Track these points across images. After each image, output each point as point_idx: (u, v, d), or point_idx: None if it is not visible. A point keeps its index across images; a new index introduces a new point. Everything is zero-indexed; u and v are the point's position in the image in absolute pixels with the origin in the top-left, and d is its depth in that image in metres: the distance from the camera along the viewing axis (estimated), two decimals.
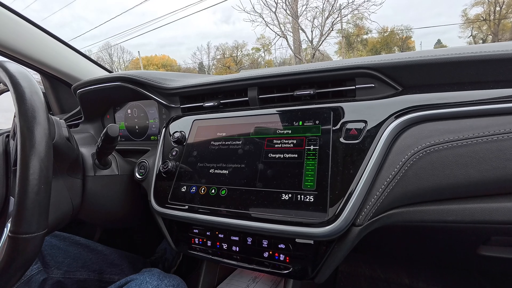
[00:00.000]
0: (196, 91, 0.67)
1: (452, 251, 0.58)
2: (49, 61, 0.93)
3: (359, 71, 0.51)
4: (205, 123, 0.63)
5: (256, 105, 0.61)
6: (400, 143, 0.44)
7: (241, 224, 0.47)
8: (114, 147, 0.61)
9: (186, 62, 27.30)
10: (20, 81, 0.43)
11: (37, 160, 0.39)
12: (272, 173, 0.49)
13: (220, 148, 0.56)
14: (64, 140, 0.55)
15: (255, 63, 22.63)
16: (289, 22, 14.03)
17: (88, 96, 0.82)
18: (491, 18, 16.42)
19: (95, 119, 0.90)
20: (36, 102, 0.42)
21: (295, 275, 0.47)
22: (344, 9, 13.89)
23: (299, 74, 0.55)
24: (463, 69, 0.46)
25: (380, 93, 0.51)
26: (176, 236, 0.60)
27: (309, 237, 0.43)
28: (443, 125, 0.44)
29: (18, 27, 0.85)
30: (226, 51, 24.61)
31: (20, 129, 0.41)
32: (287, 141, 0.50)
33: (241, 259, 0.52)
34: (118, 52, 24.20)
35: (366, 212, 0.42)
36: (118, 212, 0.69)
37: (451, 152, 0.42)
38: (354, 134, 0.46)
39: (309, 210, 0.43)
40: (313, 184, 0.44)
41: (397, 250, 0.71)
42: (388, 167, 0.43)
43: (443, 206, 0.43)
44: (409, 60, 0.48)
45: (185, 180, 0.56)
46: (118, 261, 0.70)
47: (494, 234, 0.45)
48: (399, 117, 0.45)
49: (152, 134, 0.84)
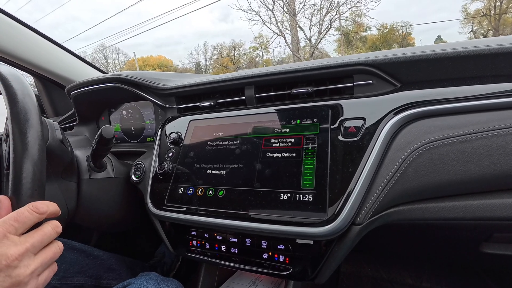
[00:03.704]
0: (192, 91, 0.66)
1: (454, 249, 0.58)
2: (42, 63, 0.91)
3: (357, 68, 0.50)
4: (201, 123, 0.62)
5: (253, 104, 0.60)
6: (400, 140, 0.44)
7: (239, 225, 0.47)
8: (109, 149, 0.60)
9: (182, 62, 27.24)
10: (12, 83, 0.42)
11: (30, 163, 0.38)
12: (270, 172, 0.48)
13: (217, 148, 0.56)
14: (58, 143, 0.54)
15: (253, 63, 22.63)
16: (287, 20, 14.05)
17: (83, 98, 0.81)
18: (492, 13, 16.44)
19: (90, 121, 0.89)
20: (28, 105, 0.42)
21: (295, 276, 0.46)
22: (342, 6, 13.93)
23: (296, 72, 0.54)
24: (461, 64, 0.45)
25: (378, 90, 0.51)
26: (174, 239, 0.59)
27: (308, 237, 0.43)
28: (443, 121, 0.43)
29: (10, 28, 0.83)
30: (224, 51, 24.60)
31: (12, 132, 0.40)
32: (285, 140, 0.50)
33: (240, 261, 0.51)
34: (113, 53, 24.08)
35: (366, 210, 0.42)
36: (114, 215, 0.68)
37: (451, 148, 0.41)
38: (352, 131, 0.45)
39: (308, 210, 0.42)
40: (312, 183, 0.44)
41: (399, 249, 0.70)
42: (387, 165, 0.43)
43: (443, 203, 0.43)
44: (407, 56, 0.47)
45: (182, 182, 0.55)
46: (116, 266, 0.69)
47: (496, 231, 0.45)
48: (398, 113, 0.45)
49: (148, 135, 0.83)
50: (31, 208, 0.33)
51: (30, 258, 0.31)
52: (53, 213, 0.36)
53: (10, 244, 0.30)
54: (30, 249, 0.31)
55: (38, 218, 0.34)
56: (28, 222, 0.33)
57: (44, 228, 0.34)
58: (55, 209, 0.37)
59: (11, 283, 0.29)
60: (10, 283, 0.29)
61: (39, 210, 0.34)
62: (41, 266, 0.32)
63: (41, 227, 0.34)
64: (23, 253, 0.30)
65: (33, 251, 0.32)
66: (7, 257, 0.29)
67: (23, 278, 0.30)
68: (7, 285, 0.29)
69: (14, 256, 0.29)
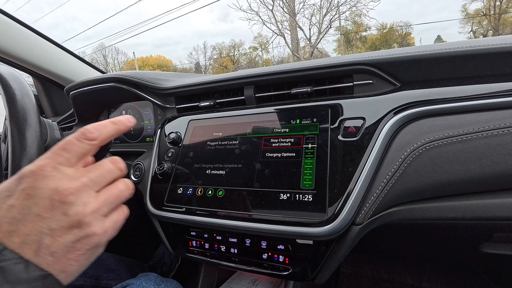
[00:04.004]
0: (192, 90, 0.66)
1: (455, 249, 0.58)
2: (41, 63, 0.91)
3: (357, 67, 0.50)
4: (201, 123, 0.62)
5: (252, 104, 0.60)
6: (399, 139, 0.44)
7: (239, 225, 0.46)
8: (108, 149, 0.59)
9: (182, 62, 27.20)
10: (11, 83, 0.42)
11: (28, 163, 0.38)
12: (269, 172, 0.48)
13: (217, 148, 0.56)
14: (57, 143, 0.54)
15: (253, 62, 22.61)
16: (287, 20, 14.04)
17: (82, 98, 0.80)
18: (491, 12, 16.42)
19: (89, 121, 0.89)
20: (27, 105, 0.41)
21: (295, 276, 0.46)
22: (342, 6, 13.93)
23: (295, 72, 0.54)
24: (461, 63, 0.45)
25: (378, 89, 0.50)
26: (173, 239, 0.59)
27: (308, 237, 0.43)
28: (443, 120, 0.43)
29: (9, 28, 0.83)
30: (223, 51, 24.58)
31: (11, 132, 0.40)
32: (284, 140, 0.50)
33: (240, 261, 0.51)
34: (112, 53, 24.04)
35: (366, 210, 0.42)
36: None
37: (451, 147, 0.41)
38: (352, 131, 0.45)
39: (308, 210, 0.42)
40: (311, 183, 0.44)
41: (399, 249, 0.70)
42: (387, 164, 0.43)
43: (443, 203, 0.43)
44: (407, 56, 0.47)
45: (182, 182, 0.55)
46: (115, 266, 0.69)
47: (496, 231, 0.45)
48: (398, 113, 0.45)
49: (147, 135, 0.83)
50: (79, 135, 0.27)
51: (89, 195, 0.25)
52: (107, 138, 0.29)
53: (62, 177, 0.25)
54: (89, 184, 0.26)
55: (90, 145, 0.27)
56: (79, 150, 0.27)
57: (103, 163, 0.28)
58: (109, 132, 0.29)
59: (70, 222, 0.24)
60: (69, 223, 0.24)
61: (88, 136, 0.27)
62: (105, 205, 0.26)
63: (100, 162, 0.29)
64: (79, 187, 0.25)
65: (93, 187, 0.26)
66: (59, 192, 0.24)
67: (82, 217, 0.24)
68: (65, 225, 0.23)
69: (68, 191, 0.24)
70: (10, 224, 0.23)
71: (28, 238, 0.22)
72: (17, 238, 0.22)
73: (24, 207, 0.23)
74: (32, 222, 0.23)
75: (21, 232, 0.23)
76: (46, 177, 0.24)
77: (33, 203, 0.23)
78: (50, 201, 0.23)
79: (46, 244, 0.23)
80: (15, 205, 0.23)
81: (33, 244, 0.22)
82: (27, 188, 0.24)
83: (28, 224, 0.23)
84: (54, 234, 0.23)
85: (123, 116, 0.31)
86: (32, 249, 0.22)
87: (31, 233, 0.23)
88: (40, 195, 0.24)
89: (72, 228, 0.24)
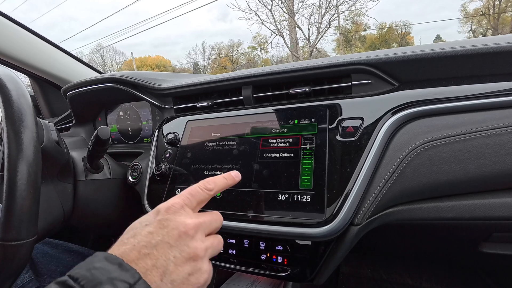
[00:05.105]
0: (189, 91, 0.66)
1: (454, 249, 0.58)
2: (38, 63, 0.90)
3: (355, 67, 0.50)
4: (199, 123, 0.61)
5: (250, 104, 0.60)
6: (398, 139, 0.43)
7: (237, 226, 0.46)
8: (105, 150, 0.59)
9: (180, 62, 27.16)
10: (7, 84, 0.41)
11: (24, 164, 0.38)
12: (268, 173, 0.47)
13: (215, 149, 0.55)
14: (53, 144, 0.53)
15: (252, 62, 22.61)
16: (285, 20, 14.05)
17: (79, 99, 0.80)
18: (491, 12, 16.43)
19: (87, 122, 0.88)
20: (23, 105, 0.41)
21: (294, 277, 0.46)
22: (341, 6, 13.94)
23: (294, 72, 0.54)
24: (460, 63, 0.45)
25: (376, 89, 0.50)
26: None
27: (306, 237, 0.42)
28: (441, 120, 0.43)
29: (5, 29, 0.83)
30: (222, 51, 24.57)
31: (7, 133, 0.39)
32: (283, 140, 0.49)
33: (238, 262, 0.51)
34: (110, 53, 23.93)
35: (364, 210, 0.41)
36: (110, 217, 0.67)
37: (449, 147, 0.41)
38: (350, 131, 0.45)
39: (306, 210, 0.42)
40: (310, 184, 0.43)
41: (398, 249, 0.70)
42: (385, 165, 0.42)
43: (442, 203, 0.43)
44: (405, 55, 0.47)
45: (179, 183, 0.55)
46: None
47: (495, 231, 0.45)
48: (396, 113, 0.44)
49: (145, 136, 0.83)
50: (202, 185, 0.34)
51: (202, 235, 0.31)
52: (220, 189, 0.36)
53: (187, 215, 0.30)
54: (203, 225, 0.31)
55: (208, 195, 0.34)
56: (200, 197, 0.33)
57: (213, 213, 0.34)
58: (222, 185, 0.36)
59: (189, 254, 0.28)
60: (188, 254, 0.28)
61: (207, 187, 0.34)
62: (211, 248, 0.31)
63: (211, 212, 0.35)
64: (198, 225, 0.30)
65: (204, 229, 0.31)
66: (186, 225, 0.29)
67: (199, 251, 0.29)
68: (186, 255, 0.28)
69: (191, 225, 0.29)
70: (146, 248, 0.27)
71: (157, 262, 0.26)
72: (150, 261, 0.26)
73: (158, 235, 0.28)
74: (163, 248, 0.27)
75: (154, 255, 0.26)
76: (176, 213, 0.30)
77: (166, 232, 0.28)
78: (178, 232, 0.28)
79: (170, 270, 0.26)
80: (152, 232, 0.28)
81: (160, 269, 0.26)
82: (162, 219, 0.29)
83: (160, 249, 0.27)
84: (177, 262, 0.27)
85: (233, 172, 0.38)
86: (159, 273, 0.26)
87: (160, 258, 0.26)
88: (171, 225, 0.29)
89: (189, 260, 0.28)
